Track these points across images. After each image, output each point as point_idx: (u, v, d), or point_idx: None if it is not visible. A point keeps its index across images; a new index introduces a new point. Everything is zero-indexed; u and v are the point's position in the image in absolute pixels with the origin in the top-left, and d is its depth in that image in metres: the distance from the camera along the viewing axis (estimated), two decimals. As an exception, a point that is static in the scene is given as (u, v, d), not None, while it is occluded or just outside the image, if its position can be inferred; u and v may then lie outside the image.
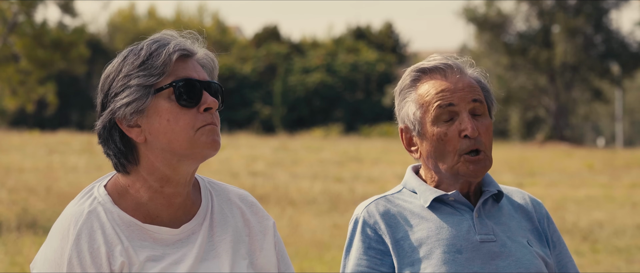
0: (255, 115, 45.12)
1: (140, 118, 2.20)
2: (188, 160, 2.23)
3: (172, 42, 2.23)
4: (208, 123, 2.21)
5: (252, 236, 2.37)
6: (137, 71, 2.20)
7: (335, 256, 9.64)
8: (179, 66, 2.23)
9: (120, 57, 2.25)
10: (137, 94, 2.19)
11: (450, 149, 2.58)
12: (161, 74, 2.20)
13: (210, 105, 2.21)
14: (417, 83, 2.65)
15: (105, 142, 2.25)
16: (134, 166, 2.25)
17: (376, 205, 2.63)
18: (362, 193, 15.55)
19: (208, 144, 2.21)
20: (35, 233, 10.46)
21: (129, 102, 2.19)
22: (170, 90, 2.20)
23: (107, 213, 2.22)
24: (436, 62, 2.66)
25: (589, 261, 9.89)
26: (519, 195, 2.75)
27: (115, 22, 53.22)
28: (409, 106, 2.65)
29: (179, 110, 2.20)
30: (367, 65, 46.24)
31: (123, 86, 2.20)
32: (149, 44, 2.23)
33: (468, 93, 2.60)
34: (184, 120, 2.20)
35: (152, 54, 2.21)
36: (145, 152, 2.23)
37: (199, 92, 2.22)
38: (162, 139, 2.20)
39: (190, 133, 2.20)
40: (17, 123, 42.33)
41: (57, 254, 2.18)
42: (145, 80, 2.19)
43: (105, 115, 2.22)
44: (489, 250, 2.57)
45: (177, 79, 2.21)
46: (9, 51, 19.24)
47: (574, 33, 40.10)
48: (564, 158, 27.27)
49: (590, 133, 45.58)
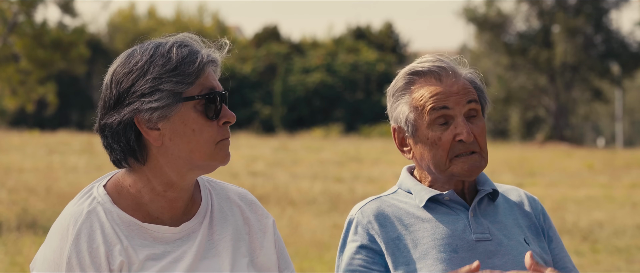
0: (255, 115, 45.10)
1: (162, 122, 2.20)
2: (200, 171, 2.25)
3: (202, 50, 2.24)
4: (225, 138, 2.24)
5: (252, 234, 2.38)
6: (169, 75, 2.19)
7: (335, 256, 9.62)
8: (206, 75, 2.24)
9: (144, 55, 2.22)
10: (168, 100, 2.18)
11: (443, 152, 2.59)
12: (192, 83, 2.20)
13: (229, 120, 2.24)
14: (411, 86, 2.64)
15: (115, 136, 2.22)
16: (139, 165, 2.24)
17: (371, 206, 2.64)
18: (362, 193, 15.55)
19: (224, 158, 2.25)
20: (35, 233, 10.46)
21: (158, 107, 2.18)
22: (198, 101, 2.21)
23: (106, 213, 2.22)
24: (430, 65, 2.64)
25: (589, 261, 9.89)
26: (515, 192, 2.76)
27: (115, 22, 53.19)
28: (402, 108, 2.64)
29: (204, 122, 2.21)
30: (367, 65, 46.24)
31: (153, 88, 2.18)
32: (178, 48, 2.22)
33: (463, 96, 2.60)
34: (208, 132, 2.21)
35: (185, 60, 2.20)
36: (156, 155, 2.23)
37: (221, 105, 2.23)
38: (184, 147, 2.21)
39: (211, 146, 2.22)
40: (17, 123, 42.32)
41: (57, 254, 2.18)
42: (177, 87, 2.18)
43: (127, 112, 2.19)
44: (485, 249, 2.57)
45: (206, 91, 2.21)
46: (9, 51, 19.24)
47: (574, 33, 40.10)
48: (564, 158, 27.27)
49: (590, 133, 45.58)
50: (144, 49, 2.24)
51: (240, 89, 44.86)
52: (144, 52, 2.23)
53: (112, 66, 2.26)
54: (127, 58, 2.23)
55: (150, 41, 2.28)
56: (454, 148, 2.58)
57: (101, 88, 2.29)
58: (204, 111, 2.21)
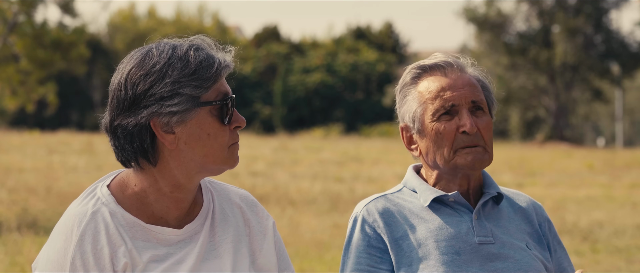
0: (255, 115, 45.12)
1: (179, 126, 2.20)
2: (209, 174, 2.27)
3: (218, 55, 2.25)
4: (236, 141, 2.27)
5: (253, 236, 2.39)
6: (188, 79, 2.19)
7: (335, 256, 9.64)
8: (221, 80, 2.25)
9: (162, 58, 2.20)
10: (187, 105, 2.19)
11: (447, 143, 2.59)
12: (209, 87, 2.21)
13: (240, 124, 2.26)
14: (417, 80, 2.67)
15: (128, 137, 2.21)
16: (149, 167, 2.24)
17: (376, 204, 2.64)
18: (362, 193, 15.54)
19: (234, 162, 2.27)
20: (35, 233, 10.45)
21: (178, 111, 2.18)
22: (214, 106, 2.22)
23: (110, 214, 2.22)
24: (437, 60, 2.67)
25: (589, 261, 9.89)
26: (520, 197, 2.76)
27: (115, 22, 53.16)
28: (409, 104, 2.66)
29: (219, 126, 2.23)
30: (367, 65, 46.24)
31: (172, 92, 2.18)
32: (194, 52, 2.22)
33: (468, 91, 2.62)
34: (222, 136, 2.23)
35: (202, 64, 2.21)
36: (168, 157, 2.23)
37: (233, 109, 2.26)
38: (199, 151, 2.22)
39: (225, 150, 2.24)
40: (17, 123, 42.33)
41: (60, 255, 2.18)
42: (195, 91, 2.19)
43: (145, 114, 2.18)
44: (487, 252, 2.57)
45: (221, 96, 2.23)
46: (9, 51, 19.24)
47: (574, 33, 40.11)
48: (564, 158, 27.27)
49: (590, 133, 45.59)
50: (160, 50, 2.22)
51: (240, 89, 44.87)
52: (161, 54, 2.21)
53: (124, 65, 2.24)
54: (143, 59, 2.21)
55: (164, 41, 2.27)
56: (458, 139, 2.59)
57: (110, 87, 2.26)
58: (219, 115, 2.23)
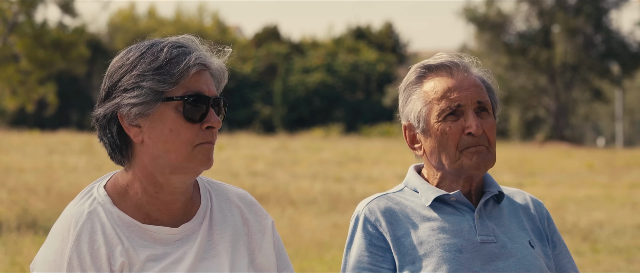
0: (255, 115, 45.12)
1: (142, 119, 2.21)
2: (181, 173, 2.24)
3: (193, 53, 2.23)
4: (207, 141, 2.23)
5: (251, 235, 2.38)
6: (152, 73, 2.19)
7: (335, 256, 9.64)
8: (193, 78, 2.23)
9: (137, 52, 2.23)
10: (147, 98, 2.19)
11: (452, 144, 2.59)
12: (175, 83, 2.20)
13: (213, 125, 2.23)
14: (422, 80, 2.66)
15: (102, 129, 2.25)
16: (127, 161, 2.26)
17: (377, 203, 2.64)
18: (362, 193, 15.54)
19: (202, 162, 2.23)
20: (35, 233, 10.45)
21: (137, 103, 2.19)
22: (179, 102, 2.20)
23: (107, 214, 2.22)
24: (443, 60, 2.66)
25: (589, 261, 9.89)
26: (520, 196, 2.76)
27: (115, 22, 53.20)
28: (414, 103, 2.65)
29: (183, 123, 2.21)
30: (367, 65, 46.24)
31: (134, 84, 2.19)
32: (169, 48, 2.22)
33: (474, 92, 2.61)
34: (185, 134, 2.21)
35: (172, 60, 2.20)
36: (139, 151, 2.24)
37: (206, 109, 2.22)
38: (161, 147, 2.21)
39: (188, 148, 2.21)
40: (17, 123, 42.33)
41: (57, 255, 2.18)
42: (158, 85, 2.19)
43: (109, 106, 2.21)
44: (490, 251, 2.57)
45: (188, 93, 2.21)
46: (9, 51, 19.24)
47: (574, 33, 40.11)
48: (564, 158, 27.27)
49: (590, 133, 45.58)
50: (140, 45, 2.25)
51: (240, 89, 44.88)
52: (139, 48, 2.24)
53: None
54: (125, 53, 2.26)
55: (155, 39, 2.28)
56: (463, 140, 2.58)
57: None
58: (184, 113, 2.20)
